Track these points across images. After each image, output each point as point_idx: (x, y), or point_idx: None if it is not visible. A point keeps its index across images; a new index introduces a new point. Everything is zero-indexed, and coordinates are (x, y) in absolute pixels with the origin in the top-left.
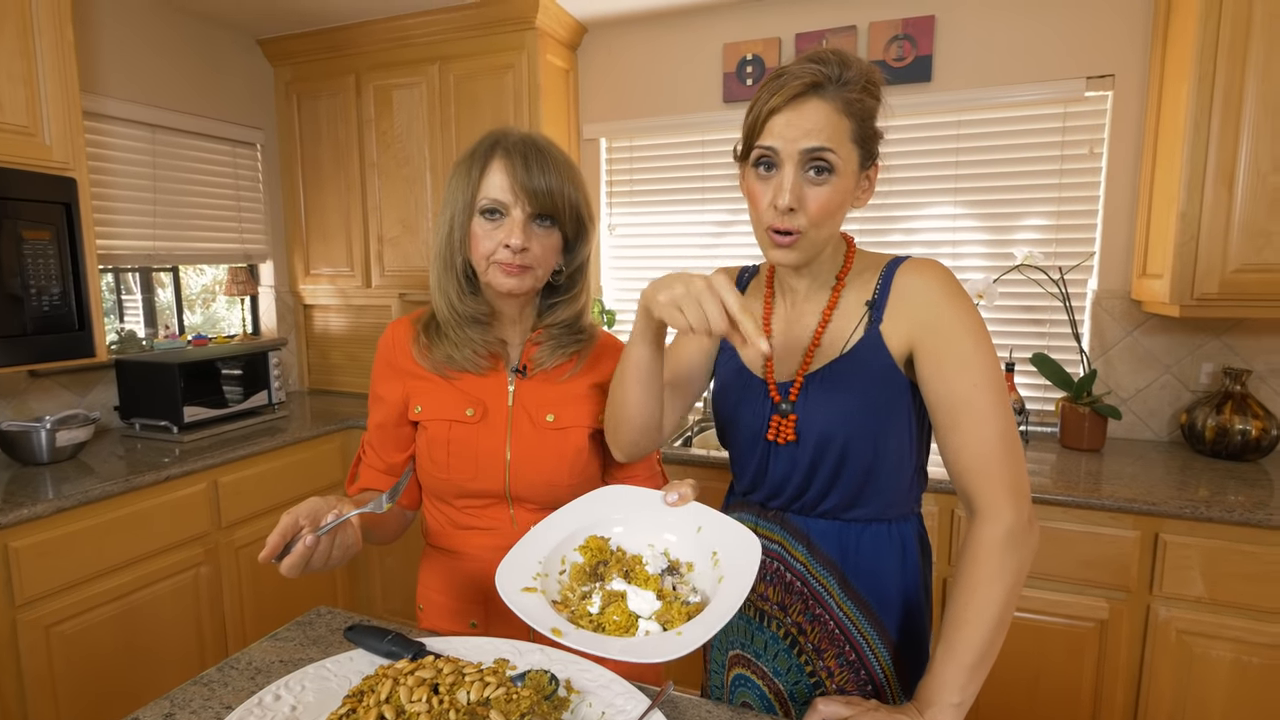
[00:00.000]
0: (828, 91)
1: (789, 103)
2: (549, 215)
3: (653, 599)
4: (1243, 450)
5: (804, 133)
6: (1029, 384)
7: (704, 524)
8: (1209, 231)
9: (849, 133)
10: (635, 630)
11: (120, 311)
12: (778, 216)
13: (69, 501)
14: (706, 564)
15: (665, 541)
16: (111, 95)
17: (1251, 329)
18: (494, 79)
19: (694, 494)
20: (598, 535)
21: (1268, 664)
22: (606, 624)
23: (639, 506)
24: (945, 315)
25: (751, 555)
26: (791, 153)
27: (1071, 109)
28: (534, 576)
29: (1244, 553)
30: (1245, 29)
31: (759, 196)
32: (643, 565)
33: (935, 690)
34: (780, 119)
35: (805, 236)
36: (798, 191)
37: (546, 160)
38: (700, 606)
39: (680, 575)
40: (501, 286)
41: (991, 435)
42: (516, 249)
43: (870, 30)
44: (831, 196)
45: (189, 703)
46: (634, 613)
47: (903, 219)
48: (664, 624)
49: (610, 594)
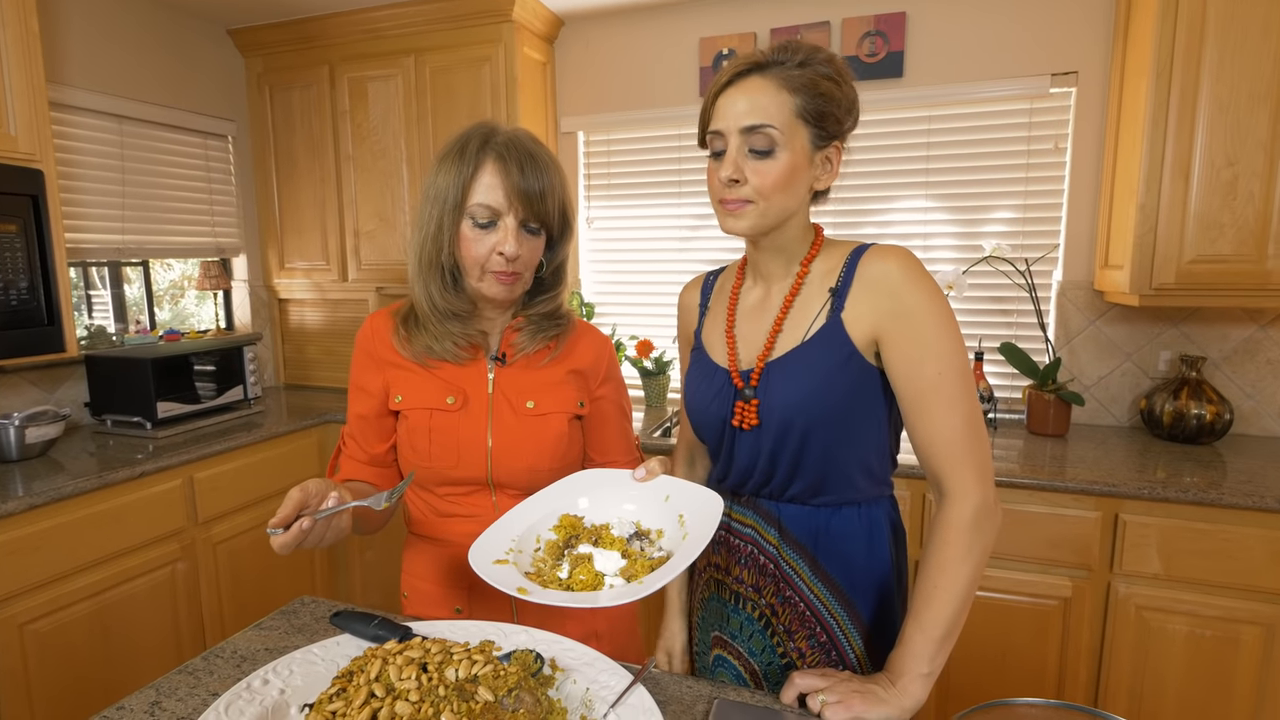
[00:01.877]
0: (769, 70)
1: (729, 84)
2: (539, 221)
3: (617, 558)
4: (1198, 434)
5: (740, 112)
6: (997, 372)
7: (671, 493)
8: (1166, 224)
9: (794, 109)
10: (602, 587)
11: (89, 307)
12: (725, 189)
13: (40, 499)
14: (674, 527)
15: (634, 512)
16: (78, 86)
17: (1206, 318)
18: (471, 72)
19: (662, 469)
20: (570, 514)
21: (1219, 635)
22: (574, 585)
23: (610, 485)
24: (909, 302)
25: (713, 509)
26: (733, 129)
27: (1037, 105)
28: (506, 552)
29: (1198, 530)
30: (1200, 32)
31: (711, 175)
32: (610, 530)
33: (906, 661)
34: (724, 99)
35: (754, 205)
36: (739, 163)
37: (538, 163)
38: (663, 560)
39: (649, 540)
40: (494, 295)
41: (959, 420)
42: (512, 256)
43: (843, 26)
44: (776, 169)
45: (174, 691)
46: (600, 572)
47: (875, 211)
48: (628, 578)
49: (577, 557)
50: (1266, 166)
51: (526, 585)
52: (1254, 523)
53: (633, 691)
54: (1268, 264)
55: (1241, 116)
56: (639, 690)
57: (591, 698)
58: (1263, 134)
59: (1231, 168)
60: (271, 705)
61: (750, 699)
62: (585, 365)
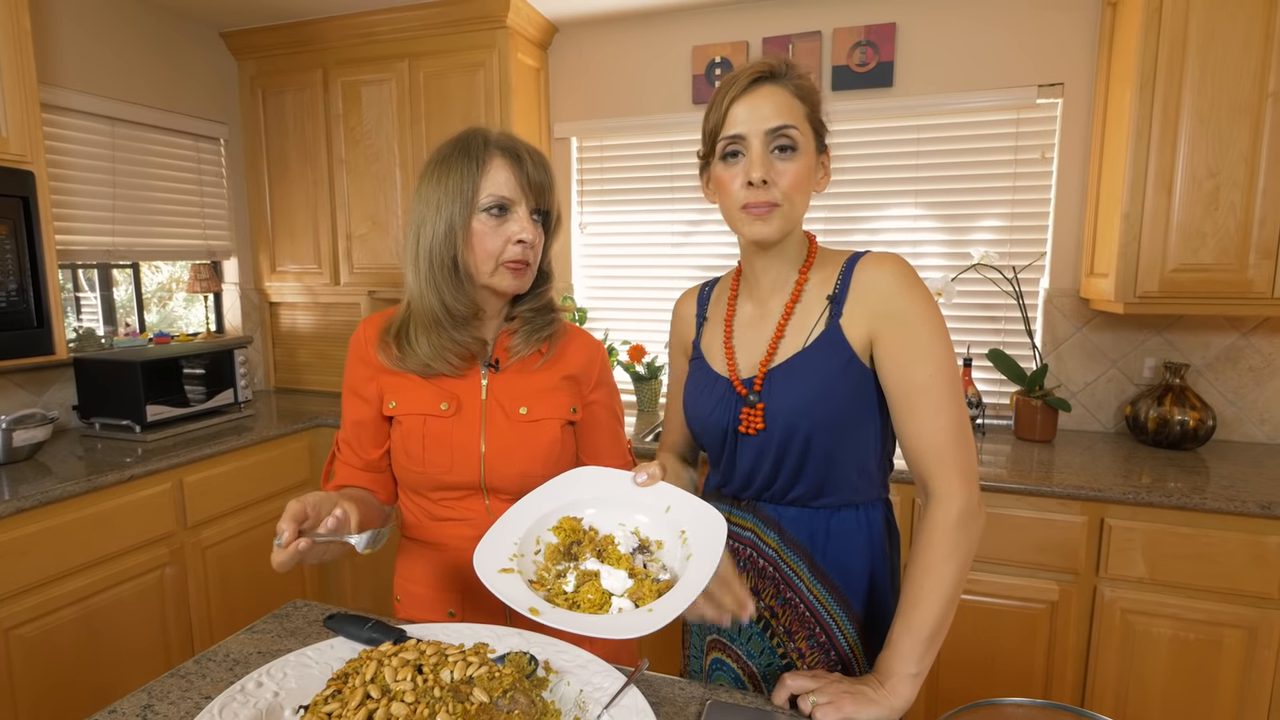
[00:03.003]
0: (779, 79)
1: (746, 91)
2: (545, 211)
3: (624, 577)
4: (1181, 439)
5: (766, 114)
6: (985, 378)
7: (672, 503)
8: (1150, 233)
9: (804, 114)
10: (609, 607)
11: (78, 309)
12: (751, 193)
13: (28, 502)
14: (675, 542)
15: (636, 521)
16: (69, 87)
17: (1189, 325)
18: (465, 77)
19: (662, 474)
20: (570, 516)
21: (1202, 639)
22: (581, 602)
23: (610, 487)
24: (903, 306)
25: (718, 533)
26: (758, 132)
27: (1024, 115)
28: (510, 558)
29: (1181, 535)
30: (1182, 45)
31: (728, 182)
32: (614, 545)
33: (894, 662)
34: (741, 107)
35: (780, 209)
36: (768, 163)
37: (539, 156)
38: (670, 584)
39: (651, 554)
40: (507, 288)
41: (947, 423)
42: (531, 242)
43: (834, 36)
44: (799, 170)
45: (167, 694)
46: (607, 591)
47: (865, 219)
48: (636, 601)
49: (584, 573)
50: (1247, 177)
51: (537, 604)
52: (1236, 527)
53: (626, 693)
54: (1248, 273)
55: (1223, 128)
56: (632, 692)
57: (585, 699)
58: (1244, 145)
59: (1213, 178)
60: (266, 708)
61: (742, 700)
62: (578, 370)
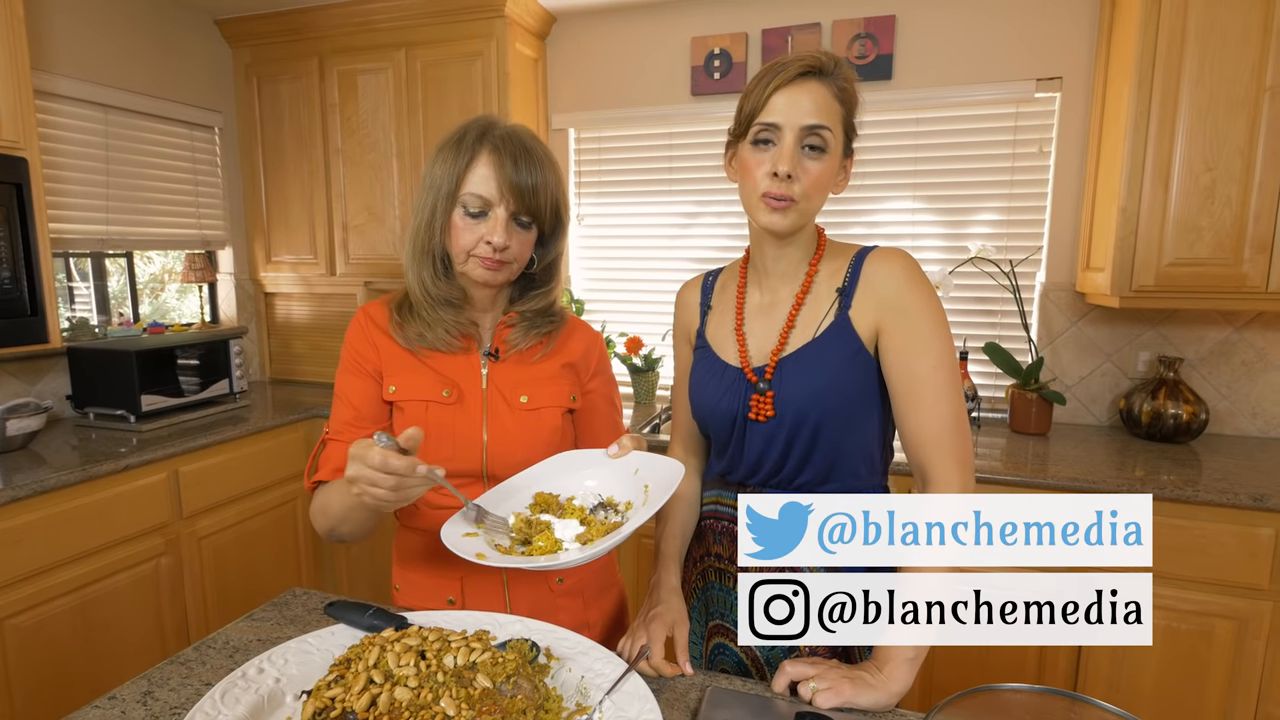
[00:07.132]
0: (825, 77)
1: (791, 82)
2: (530, 214)
3: (576, 525)
4: (1175, 433)
5: (805, 110)
6: (981, 372)
7: (640, 466)
8: (1146, 227)
9: (840, 118)
10: (559, 551)
11: (71, 299)
12: (775, 183)
13: (22, 491)
14: (640, 497)
15: (599, 486)
16: (63, 74)
17: (1184, 319)
18: (462, 66)
19: (634, 446)
20: (544, 491)
21: (1194, 629)
22: (533, 552)
23: (585, 464)
24: (909, 301)
25: (674, 475)
26: (793, 126)
27: (1022, 109)
28: (478, 525)
29: (1174, 526)
30: (1180, 40)
31: (754, 167)
32: (573, 502)
33: (890, 648)
34: (782, 97)
35: (797, 205)
36: (796, 159)
37: (533, 158)
38: (619, 525)
39: (616, 510)
40: (478, 279)
41: (947, 413)
42: (499, 247)
43: (834, 28)
44: (823, 171)
45: (167, 681)
46: (559, 539)
47: (864, 212)
48: (584, 543)
49: (538, 523)
50: (1243, 172)
51: (485, 551)
52: (1228, 519)
53: (627, 679)
54: (1243, 267)
55: (1220, 122)
56: (633, 677)
57: (586, 685)
58: (1240, 140)
59: (1210, 173)
60: (267, 694)
61: (742, 687)
62: (576, 359)
